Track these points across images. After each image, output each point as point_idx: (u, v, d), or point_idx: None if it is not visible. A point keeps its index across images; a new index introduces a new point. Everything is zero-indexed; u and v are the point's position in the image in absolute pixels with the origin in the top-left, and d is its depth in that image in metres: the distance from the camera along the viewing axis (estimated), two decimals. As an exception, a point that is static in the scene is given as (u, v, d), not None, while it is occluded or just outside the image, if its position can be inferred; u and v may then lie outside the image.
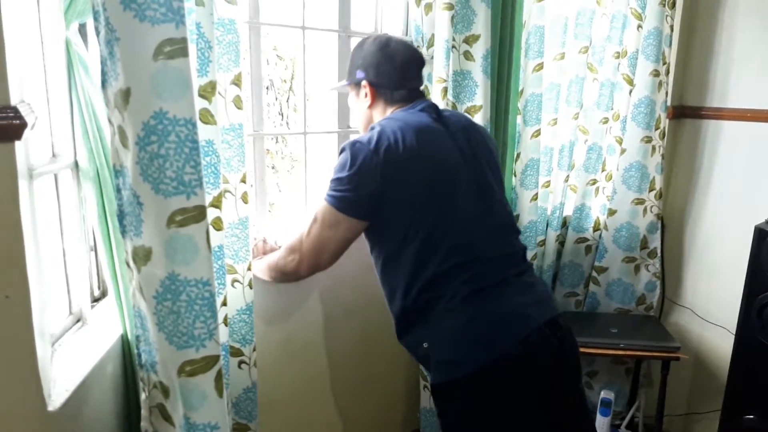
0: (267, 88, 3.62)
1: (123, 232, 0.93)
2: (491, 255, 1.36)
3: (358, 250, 1.62)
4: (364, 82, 1.46)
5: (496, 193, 1.46)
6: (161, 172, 0.81)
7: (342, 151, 1.33)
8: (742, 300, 1.87)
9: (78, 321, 1.14)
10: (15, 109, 0.79)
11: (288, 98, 4.09)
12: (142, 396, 1.03)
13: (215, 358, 0.90)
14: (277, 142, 4.13)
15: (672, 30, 2.11)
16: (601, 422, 2.22)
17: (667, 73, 2.13)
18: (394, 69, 1.44)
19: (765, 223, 1.85)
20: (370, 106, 1.48)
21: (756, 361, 1.87)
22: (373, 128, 1.36)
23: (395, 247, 1.35)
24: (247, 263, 1.46)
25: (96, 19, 0.87)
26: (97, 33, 0.88)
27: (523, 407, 1.27)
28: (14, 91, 0.80)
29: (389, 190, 1.30)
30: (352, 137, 1.61)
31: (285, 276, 1.49)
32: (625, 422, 2.33)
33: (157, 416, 1.00)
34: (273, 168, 4.09)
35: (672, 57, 2.16)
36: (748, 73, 2.08)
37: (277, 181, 4.12)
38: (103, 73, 0.88)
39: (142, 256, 0.87)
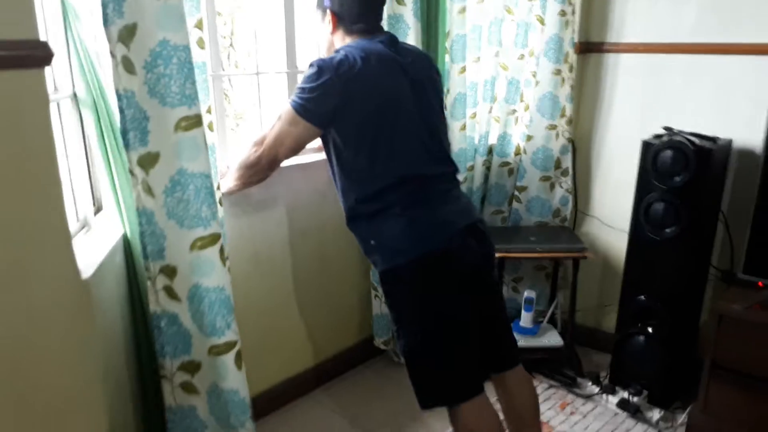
0: (229, 45, 3.69)
1: (126, 146, 1.17)
2: (428, 173, 1.65)
3: (313, 179, 1.88)
4: (327, 10, 1.68)
5: (437, 121, 1.73)
6: (167, 88, 1.05)
7: (311, 65, 1.56)
8: (633, 203, 2.26)
9: (84, 227, 1.37)
10: (45, 44, 1.01)
11: (229, 55, 4.17)
12: (148, 284, 1.28)
13: (219, 235, 1.16)
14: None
15: (576, -26, 2.42)
16: (525, 317, 2.61)
17: (573, 12, 2.45)
18: (355, 3, 1.65)
19: (651, 137, 2.22)
20: (332, 33, 1.70)
21: (644, 252, 2.27)
22: (338, 51, 1.59)
23: (347, 161, 1.61)
24: (216, 183, 1.70)
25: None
26: (98, -19, 1.09)
27: (448, 287, 1.59)
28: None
29: (344, 107, 1.54)
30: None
31: (248, 169, 1.70)
32: (546, 318, 2.73)
33: (163, 297, 1.26)
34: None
35: (577, -2, 2.48)
36: (639, 11, 2.42)
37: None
38: (105, 15, 1.10)
39: (149, 161, 1.12)
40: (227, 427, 1.27)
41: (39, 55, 1.01)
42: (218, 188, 1.72)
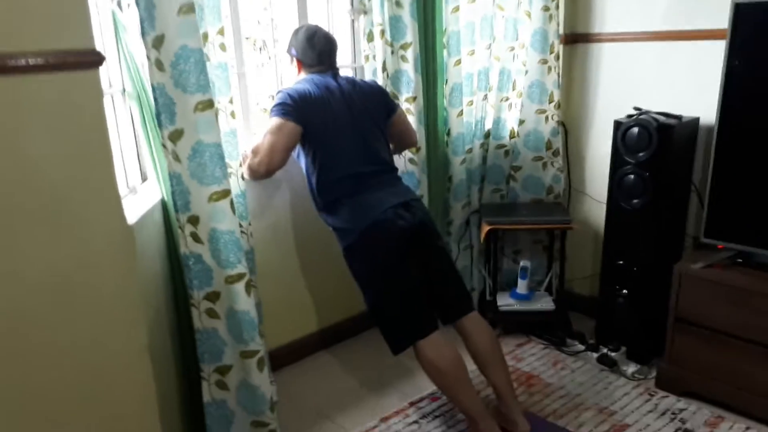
0: (260, 48, 4.03)
1: (160, 125, 1.55)
2: (363, 171, 2.11)
3: None
4: (294, 58, 2.22)
5: (372, 132, 2.19)
6: (187, 80, 1.43)
7: (278, 93, 2.10)
8: (609, 176, 2.52)
9: (132, 192, 1.77)
10: (98, 51, 1.39)
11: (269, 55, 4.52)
12: (179, 232, 1.66)
13: (228, 191, 1.54)
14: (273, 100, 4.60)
15: (559, -27, 2.69)
16: (521, 284, 2.91)
17: (557, 7, 2.72)
18: (314, 53, 2.18)
19: (623, 117, 2.48)
20: (298, 72, 2.24)
21: (620, 221, 2.53)
22: (298, 83, 2.15)
23: (307, 166, 2.14)
24: (238, 161, 2.06)
25: (136, -6, 1.46)
26: (138, 3, 1.47)
27: (388, 251, 2.02)
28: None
29: (303, 123, 2.04)
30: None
31: (253, 172, 2.14)
32: (543, 285, 3.02)
33: (190, 241, 1.63)
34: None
35: (561, -6, 2.75)
36: (617, 4, 2.68)
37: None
38: (142, 28, 1.48)
39: (176, 136, 1.49)
40: (241, 342, 1.64)
41: (94, 60, 1.39)
42: (242, 177, 2.09)
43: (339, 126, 2.11)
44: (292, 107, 2.04)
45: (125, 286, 1.46)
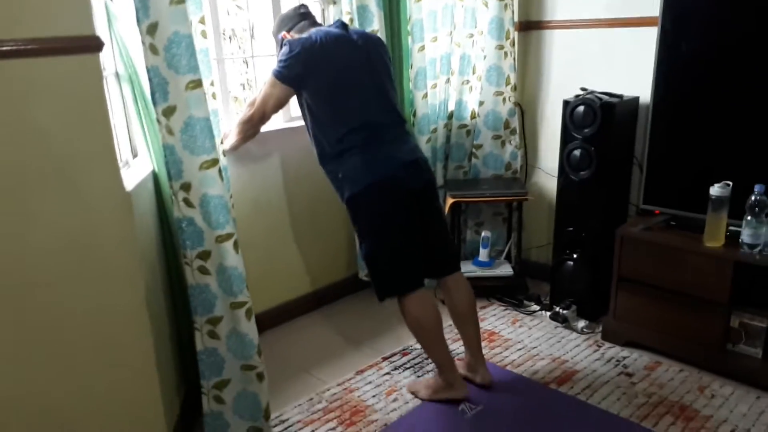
0: (229, 37, 4.15)
1: (154, 103, 1.73)
2: (378, 121, 2.18)
3: (302, 139, 2.44)
4: (283, 33, 2.27)
5: (385, 84, 2.26)
6: (179, 62, 1.62)
7: (284, 43, 2.15)
8: (559, 151, 2.78)
9: (125, 165, 1.96)
10: (98, 37, 1.57)
11: (240, 44, 4.66)
12: (172, 198, 1.83)
13: (217, 160, 1.74)
14: (244, 89, 4.75)
15: (513, -35, 2.93)
16: (483, 253, 3.16)
17: (512, -3, 2.97)
18: (296, 14, 2.30)
19: (572, 97, 2.73)
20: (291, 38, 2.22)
21: (569, 192, 2.80)
22: (308, 33, 2.19)
23: (317, 114, 2.17)
24: (219, 138, 2.25)
25: (131, -14, 1.65)
26: (132, -6, 1.66)
27: (394, 205, 2.13)
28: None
29: (310, 74, 2.12)
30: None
31: (244, 124, 2.27)
32: (503, 255, 3.27)
33: (183, 206, 1.80)
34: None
35: (515, -15, 2.99)
36: (567, -6, 2.94)
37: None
38: (137, 16, 1.67)
39: (169, 112, 1.68)
40: (230, 294, 1.84)
41: (95, 45, 1.57)
42: (223, 153, 2.28)
43: (357, 75, 2.15)
44: (293, 66, 2.10)
45: (125, 246, 1.65)
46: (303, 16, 2.32)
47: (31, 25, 1.39)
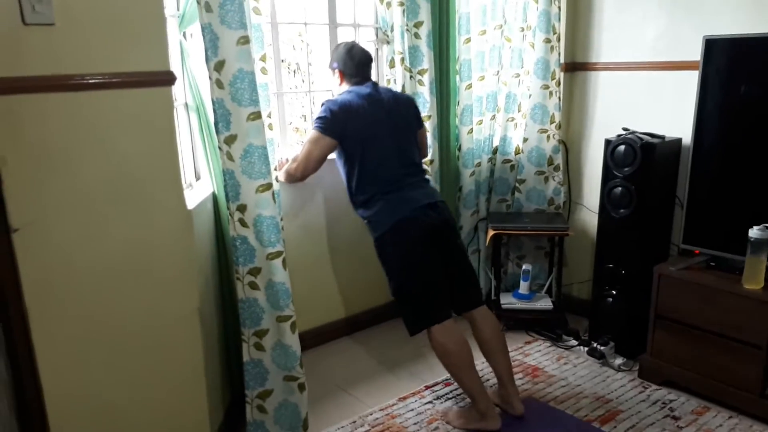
0: (294, 71, 4.40)
1: (217, 131, 1.92)
2: (398, 174, 2.37)
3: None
4: (336, 70, 2.48)
5: (407, 138, 2.47)
6: (242, 95, 1.81)
7: (322, 104, 2.36)
8: (600, 189, 2.84)
9: (189, 187, 2.15)
10: (171, 72, 1.77)
11: (303, 78, 4.90)
12: (228, 218, 2.01)
13: (271, 184, 1.92)
14: (304, 120, 5.01)
15: (560, 9, 3.05)
16: (523, 286, 3.22)
17: (558, 39, 3.08)
18: (353, 63, 2.45)
19: (614, 137, 2.79)
20: (339, 84, 2.50)
21: (609, 229, 2.84)
22: (341, 94, 2.41)
23: (348, 168, 2.39)
24: (274, 166, 2.43)
25: (203, 29, 1.85)
26: (204, 35, 1.86)
27: (416, 244, 2.29)
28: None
29: (345, 130, 2.32)
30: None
31: (290, 176, 2.47)
32: (545, 288, 3.32)
33: (238, 226, 1.98)
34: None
35: (561, 28, 3.10)
36: (612, 38, 3.02)
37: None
38: (207, 55, 1.87)
39: (231, 140, 1.87)
40: (277, 309, 1.99)
41: (169, 79, 1.77)
42: (276, 180, 2.46)
43: (379, 132, 2.35)
44: (331, 121, 2.30)
45: (184, 258, 1.83)
46: (360, 71, 2.47)
47: (116, 61, 1.60)
